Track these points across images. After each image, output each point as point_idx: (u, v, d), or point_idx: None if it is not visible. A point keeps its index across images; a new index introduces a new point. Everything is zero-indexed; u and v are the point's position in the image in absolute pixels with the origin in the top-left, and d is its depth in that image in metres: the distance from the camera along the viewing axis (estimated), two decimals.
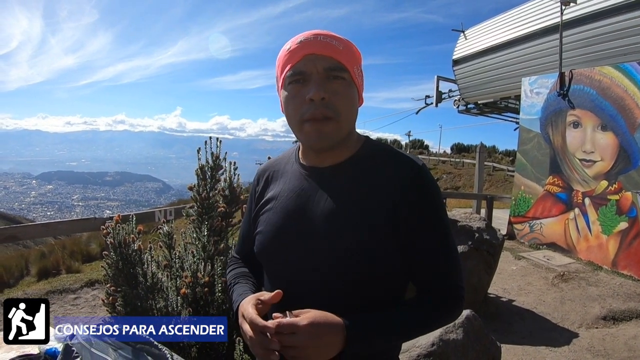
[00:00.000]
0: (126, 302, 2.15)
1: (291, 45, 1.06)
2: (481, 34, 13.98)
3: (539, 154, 8.57)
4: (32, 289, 5.67)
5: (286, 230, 1.11)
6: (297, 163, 1.21)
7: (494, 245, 4.86)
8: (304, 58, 1.03)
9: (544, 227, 8.32)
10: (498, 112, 16.31)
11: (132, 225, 2.21)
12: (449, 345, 2.81)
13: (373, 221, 1.04)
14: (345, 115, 1.06)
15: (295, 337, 0.90)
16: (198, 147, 2.50)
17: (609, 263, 6.85)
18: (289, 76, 1.05)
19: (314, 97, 1.01)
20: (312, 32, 1.06)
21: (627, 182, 6.73)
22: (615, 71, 6.99)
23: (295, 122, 1.07)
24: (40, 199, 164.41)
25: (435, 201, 1.09)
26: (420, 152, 36.68)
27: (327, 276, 1.04)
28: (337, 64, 1.04)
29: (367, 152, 1.15)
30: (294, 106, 1.06)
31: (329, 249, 1.05)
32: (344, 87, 1.06)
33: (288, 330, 0.90)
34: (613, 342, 4.23)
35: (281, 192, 1.18)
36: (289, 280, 1.10)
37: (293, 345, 0.90)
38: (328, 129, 1.03)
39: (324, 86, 1.02)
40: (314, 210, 1.09)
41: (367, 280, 1.05)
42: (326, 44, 1.04)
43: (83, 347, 1.06)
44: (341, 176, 1.11)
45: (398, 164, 1.09)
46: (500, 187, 24.59)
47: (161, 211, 4.69)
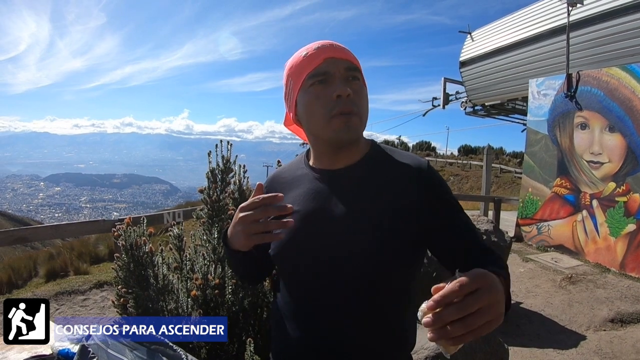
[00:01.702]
0: (138, 303, 2.17)
1: (308, 51, 1.13)
2: (488, 35, 13.93)
3: (546, 156, 8.54)
4: (40, 290, 5.71)
5: (303, 233, 1.13)
6: (307, 168, 1.24)
7: (502, 248, 4.86)
8: (324, 61, 1.10)
9: (551, 229, 8.28)
10: (505, 113, 16.23)
11: (143, 227, 2.23)
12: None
13: (391, 217, 1.08)
14: (364, 112, 1.13)
15: (480, 294, 0.71)
16: (208, 150, 2.52)
17: (617, 265, 6.81)
18: (311, 77, 1.11)
19: (342, 93, 1.07)
20: (324, 41, 1.14)
21: (635, 184, 6.69)
22: (622, 72, 6.96)
23: (322, 119, 1.10)
24: (48, 201, 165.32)
25: (446, 189, 1.17)
26: (427, 154, 36.58)
27: (350, 275, 1.07)
28: (353, 65, 1.13)
29: (376, 154, 1.20)
30: (321, 104, 1.10)
31: (350, 248, 1.07)
32: (361, 87, 1.13)
33: (470, 288, 0.70)
34: (621, 345, 4.22)
35: (295, 196, 1.20)
36: (308, 281, 1.13)
37: (482, 307, 0.71)
38: (354, 123, 1.10)
39: (349, 85, 1.09)
40: (332, 211, 1.12)
41: (389, 276, 1.09)
42: (342, 49, 1.13)
43: (99, 348, 1.08)
44: (354, 177, 1.15)
45: (407, 162, 1.16)
46: (508, 189, 24.52)
47: (170, 213, 4.72)
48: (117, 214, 9.80)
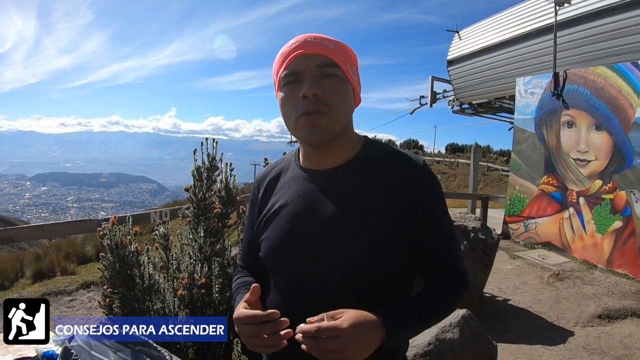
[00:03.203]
0: (123, 304, 2.14)
1: (284, 49, 1.09)
2: (475, 34, 13.99)
3: (533, 154, 8.60)
4: (27, 291, 5.65)
5: (293, 234, 1.12)
6: (297, 167, 1.21)
7: (490, 245, 4.87)
8: (296, 59, 1.06)
9: (538, 226, 8.35)
10: (492, 112, 16.33)
11: (128, 226, 2.21)
12: (446, 345, 2.82)
13: (382, 220, 1.06)
14: (337, 109, 1.07)
15: (337, 341, 0.87)
16: (194, 148, 2.50)
17: (603, 262, 6.88)
18: (283, 77, 1.08)
19: (306, 94, 1.03)
20: (303, 36, 1.10)
21: (621, 181, 6.77)
22: (609, 71, 7.02)
23: (292, 120, 1.09)
24: (34, 201, 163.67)
25: (439, 194, 1.16)
26: (414, 153, 36.68)
27: (341, 277, 1.05)
28: (328, 60, 1.07)
29: (369, 153, 1.16)
30: (290, 105, 1.08)
31: (340, 250, 1.06)
32: (338, 83, 1.08)
33: (330, 334, 0.87)
34: (608, 340, 4.26)
35: (285, 197, 1.18)
36: (298, 282, 1.11)
37: (333, 350, 0.87)
38: (321, 122, 1.05)
39: (317, 83, 1.05)
40: (321, 212, 1.10)
41: (381, 279, 1.07)
42: (316, 43, 1.07)
43: (82, 350, 1.06)
44: (345, 178, 1.12)
45: (402, 164, 1.13)
46: (495, 186, 24.71)
47: (157, 212, 4.68)
48: (105, 214, 9.81)
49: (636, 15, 8.20)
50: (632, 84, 6.62)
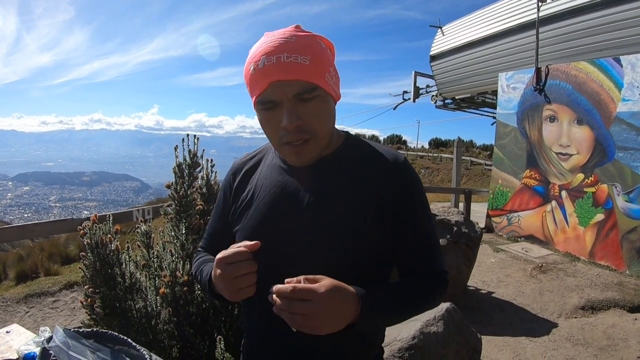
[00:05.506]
0: (105, 303, 2.12)
1: (254, 66, 0.98)
2: (458, 30, 14.07)
3: (515, 148, 8.69)
4: (10, 293, 5.57)
5: (271, 225, 1.10)
6: (276, 157, 1.19)
7: (473, 239, 4.91)
8: (270, 86, 0.96)
9: (521, 219, 8.44)
10: (475, 107, 16.47)
11: (109, 225, 2.18)
12: (430, 338, 2.83)
13: (359, 215, 1.05)
14: (322, 132, 1.04)
15: (310, 305, 0.84)
16: (175, 145, 2.48)
17: (586, 254, 6.99)
18: (259, 102, 1.01)
19: (287, 127, 0.98)
20: (273, 47, 0.96)
21: (602, 175, 6.86)
22: (590, 66, 7.11)
23: (275, 143, 1.06)
24: (17, 201, 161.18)
25: (419, 191, 1.13)
26: (398, 147, 36.82)
27: (320, 269, 0.99)
28: (306, 85, 0.97)
29: (349, 148, 1.15)
30: (271, 131, 1.04)
31: (320, 242, 1.04)
32: (319, 105, 1.01)
33: (303, 296, 0.84)
34: (592, 331, 4.32)
35: (262, 186, 1.16)
36: (274, 277, 1.07)
37: (304, 314, 0.84)
38: (307, 149, 1.03)
39: (297, 112, 0.98)
40: (300, 204, 1.08)
41: (362, 271, 1.05)
42: (291, 65, 0.94)
43: (61, 350, 1.04)
44: (325, 170, 1.11)
45: (381, 157, 1.11)
46: (478, 181, 24.92)
47: (139, 210, 4.62)
48: (88, 213, 9.72)
49: (617, 11, 8.31)
50: (614, 79, 6.71)
